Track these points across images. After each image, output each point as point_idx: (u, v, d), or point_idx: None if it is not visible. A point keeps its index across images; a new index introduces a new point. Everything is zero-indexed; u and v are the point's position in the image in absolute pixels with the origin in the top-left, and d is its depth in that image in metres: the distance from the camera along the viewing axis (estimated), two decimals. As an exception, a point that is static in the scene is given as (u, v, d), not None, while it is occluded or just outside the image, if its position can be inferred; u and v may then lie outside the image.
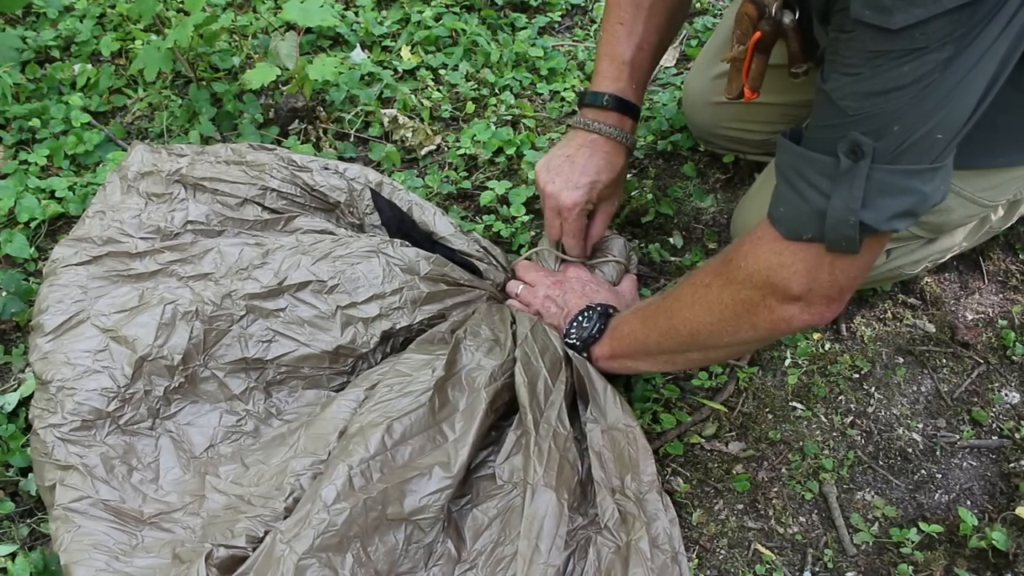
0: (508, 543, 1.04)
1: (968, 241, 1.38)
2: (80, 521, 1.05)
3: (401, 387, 1.13)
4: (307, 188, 1.39)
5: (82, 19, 1.95)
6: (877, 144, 0.85)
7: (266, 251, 1.29)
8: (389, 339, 1.28)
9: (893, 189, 0.87)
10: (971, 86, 0.83)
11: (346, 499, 1.00)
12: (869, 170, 0.86)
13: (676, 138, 1.73)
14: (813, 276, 0.96)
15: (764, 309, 1.01)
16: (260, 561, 0.96)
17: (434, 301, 1.29)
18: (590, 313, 1.25)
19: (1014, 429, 1.33)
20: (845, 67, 0.85)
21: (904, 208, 0.89)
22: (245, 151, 1.43)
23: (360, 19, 1.97)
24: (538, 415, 1.11)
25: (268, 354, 1.23)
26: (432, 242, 1.38)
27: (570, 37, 2.00)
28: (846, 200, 0.88)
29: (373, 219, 1.40)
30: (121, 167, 1.42)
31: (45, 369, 1.16)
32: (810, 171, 0.91)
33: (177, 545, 1.05)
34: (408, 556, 1.03)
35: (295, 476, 1.07)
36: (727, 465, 1.28)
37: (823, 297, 0.98)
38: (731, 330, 1.06)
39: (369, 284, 1.27)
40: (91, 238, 1.32)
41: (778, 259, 0.97)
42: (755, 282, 1.00)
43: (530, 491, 1.04)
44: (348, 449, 1.05)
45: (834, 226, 0.90)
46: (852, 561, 1.19)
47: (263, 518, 1.03)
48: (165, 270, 1.29)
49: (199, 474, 1.14)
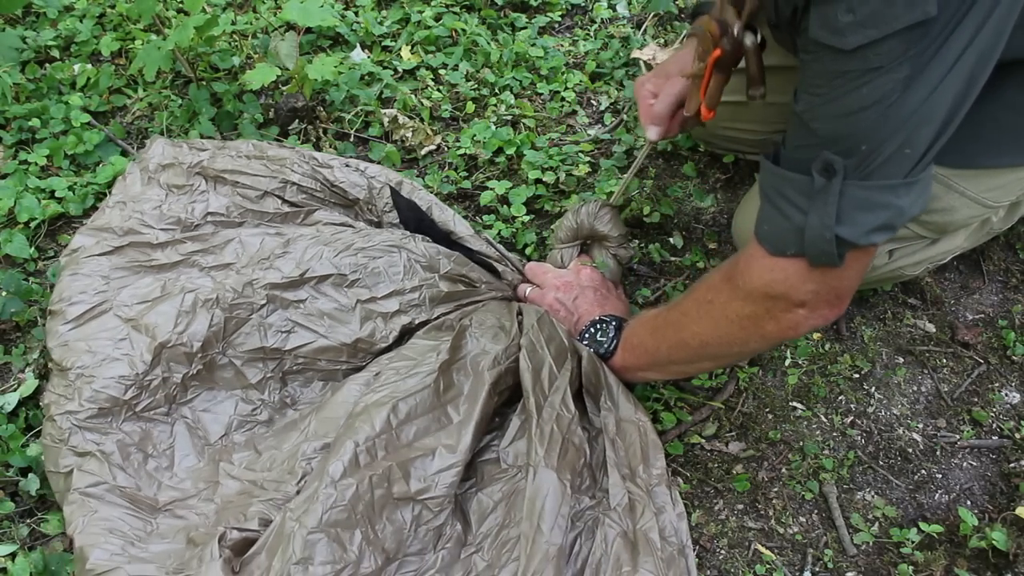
0: (513, 526, 1.06)
1: (969, 242, 1.38)
2: (96, 506, 1.06)
3: (407, 369, 1.15)
4: (327, 184, 1.40)
5: (82, 19, 1.94)
6: (847, 162, 0.87)
7: (287, 240, 1.29)
8: (407, 335, 1.28)
9: (868, 204, 0.89)
10: (936, 103, 0.85)
11: (352, 475, 1.01)
12: (842, 187, 0.89)
13: (676, 138, 1.73)
14: (808, 287, 0.98)
15: (770, 320, 1.03)
16: (272, 538, 0.97)
17: (451, 300, 1.30)
18: (605, 327, 1.25)
19: (1014, 429, 1.33)
20: (811, 87, 0.88)
21: (881, 222, 0.91)
22: (266, 147, 1.45)
23: (360, 19, 1.97)
24: (541, 399, 1.13)
25: (287, 344, 1.23)
26: (450, 242, 1.39)
27: (570, 37, 2.00)
28: (821, 216, 0.90)
29: (391, 217, 1.41)
30: (142, 159, 1.42)
31: (65, 356, 1.17)
32: (788, 190, 0.94)
33: (191, 530, 1.06)
34: (417, 537, 1.04)
35: (306, 460, 1.08)
36: (727, 465, 1.28)
37: (824, 302, 1.00)
38: (740, 341, 1.08)
39: (390, 279, 1.27)
40: (112, 228, 1.32)
41: (771, 275, 0.99)
42: (756, 297, 1.02)
43: (532, 472, 1.05)
44: (354, 427, 1.06)
45: (812, 241, 0.92)
46: (852, 561, 1.19)
47: (275, 501, 1.04)
48: (187, 260, 1.29)
49: (213, 461, 1.15)
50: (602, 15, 2.04)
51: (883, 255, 1.30)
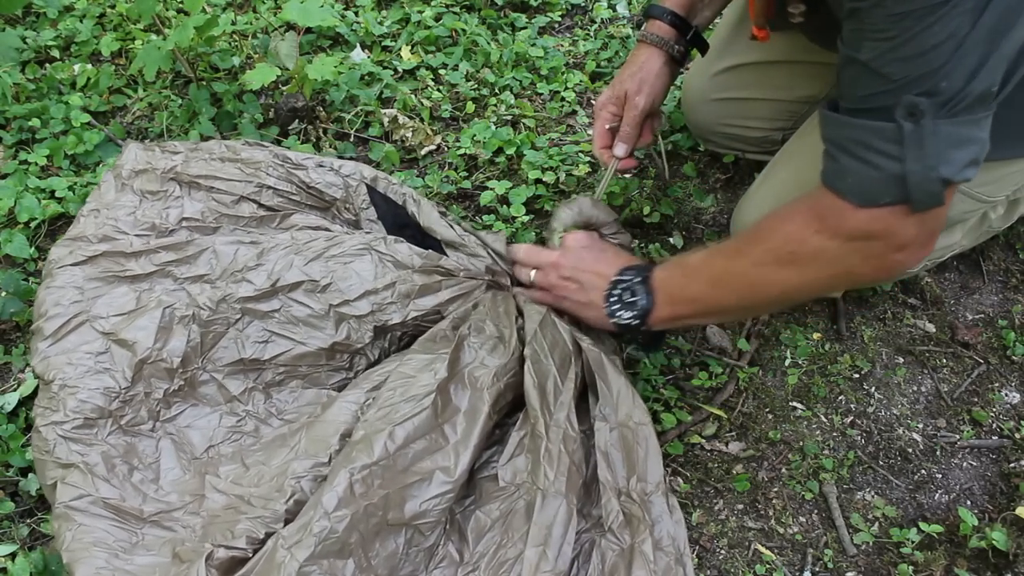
0: (511, 546, 1.04)
1: (968, 240, 1.38)
2: (81, 519, 1.05)
3: (404, 390, 1.13)
4: (303, 186, 1.39)
5: (82, 19, 1.95)
6: (932, 101, 0.87)
7: (261, 251, 1.28)
8: (385, 333, 1.27)
9: (960, 140, 0.90)
10: (1010, 30, 0.85)
11: (347, 505, 0.99)
12: (934, 127, 0.89)
13: (676, 138, 1.73)
14: (910, 231, 0.98)
15: (865, 265, 1.02)
16: (261, 565, 0.96)
17: (428, 293, 1.28)
18: (631, 284, 1.18)
19: (1014, 429, 1.33)
20: (875, 33, 0.88)
21: (972, 157, 0.92)
22: (240, 148, 1.43)
23: (360, 19, 1.97)
24: (548, 418, 1.11)
25: (265, 354, 1.23)
26: (430, 236, 1.38)
27: (570, 37, 2.00)
28: (922, 160, 0.91)
29: (369, 214, 1.40)
30: (116, 166, 1.41)
31: (47, 369, 1.17)
32: (874, 140, 0.93)
33: (177, 544, 1.05)
34: (408, 559, 1.03)
35: (296, 478, 1.07)
36: (727, 465, 1.28)
37: (921, 244, 1.00)
38: (827, 287, 1.12)
39: (362, 281, 1.26)
40: (86, 236, 1.32)
41: (868, 226, 0.98)
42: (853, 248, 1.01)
43: (540, 496, 1.03)
44: (351, 456, 1.05)
45: (918, 186, 0.92)
46: (852, 561, 1.19)
47: (263, 519, 1.03)
48: (161, 271, 1.28)
49: (199, 474, 1.14)
50: (602, 15, 2.04)
51: None
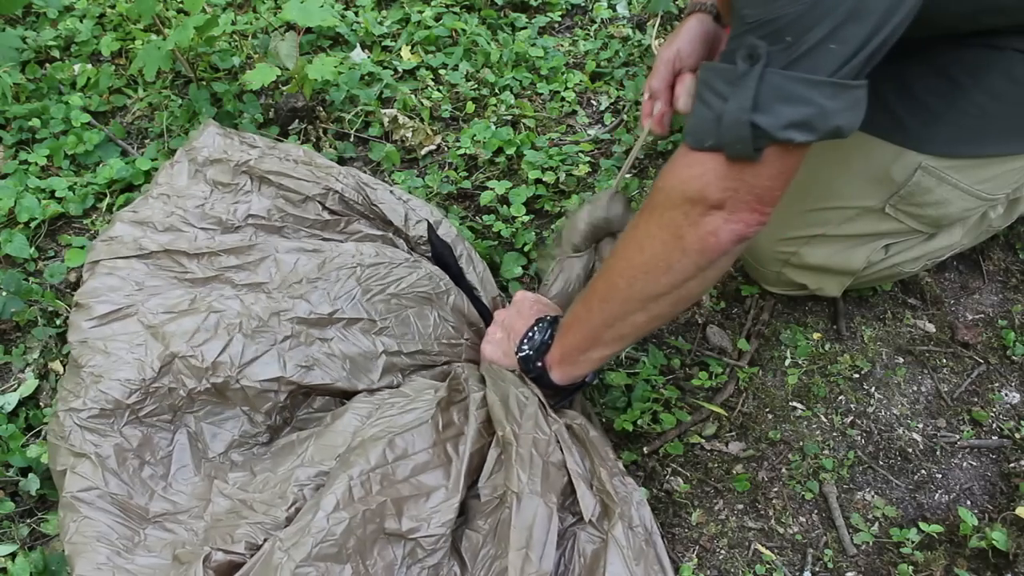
0: (504, 555, 1.04)
1: (968, 239, 1.38)
2: (86, 511, 1.05)
3: (403, 404, 1.14)
4: (368, 201, 1.40)
5: (82, 19, 1.95)
6: (772, 48, 0.85)
7: (323, 261, 1.28)
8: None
9: (788, 96, 0.87)
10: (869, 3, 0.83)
11: (345, 508, 1.00)
12: (763, 72, 0.86)
13: (676, 138, 1.73)
14: (725, 183, 0.94)
15: (688, 226, 0.97)
16: (258, 567, 0.96)
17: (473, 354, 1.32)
18: (541, 324, 1.21)
19: (1014, 429, 1.33)
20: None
21: (800, 118, 0.88)
22: (316, 155, 1.44)
23: (360, 19, 1.97)
24: (516, 427, 1.11)
25: (305, 379, 1.21)
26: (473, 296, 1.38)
27: (570, 37, 2.00)
28: (740, 101, 0.88)
29: (423, 251, 1.41)
30: (191, 148, 1.41)
31: (82, 353, 1.17)
32: (715, 80, 0.92)
33: (178, 546, 1.05)
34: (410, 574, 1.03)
35: (299, 486, 1.07)
36: (727, 465, 1.28)
37: (742, 204, 0.95)
38: (663, 263, 1.01)
39: (419, 335, 1.28)
40: (152, 223, 1.32)
41: (688, 171, 0.96)
42: (674, 200, 0.98)
43: (515, 499, 1.03)
44: (349, 460, 1.05)
45: (728, 127, 0.89)
46: (852, 561, 1.19)
47: (264, 525, 1.03)
48: (220, 276, 1.28)
49: (208, 478, 1.14)
50: (602, 15, 2.04)
51: (880, 251, 1.30)
